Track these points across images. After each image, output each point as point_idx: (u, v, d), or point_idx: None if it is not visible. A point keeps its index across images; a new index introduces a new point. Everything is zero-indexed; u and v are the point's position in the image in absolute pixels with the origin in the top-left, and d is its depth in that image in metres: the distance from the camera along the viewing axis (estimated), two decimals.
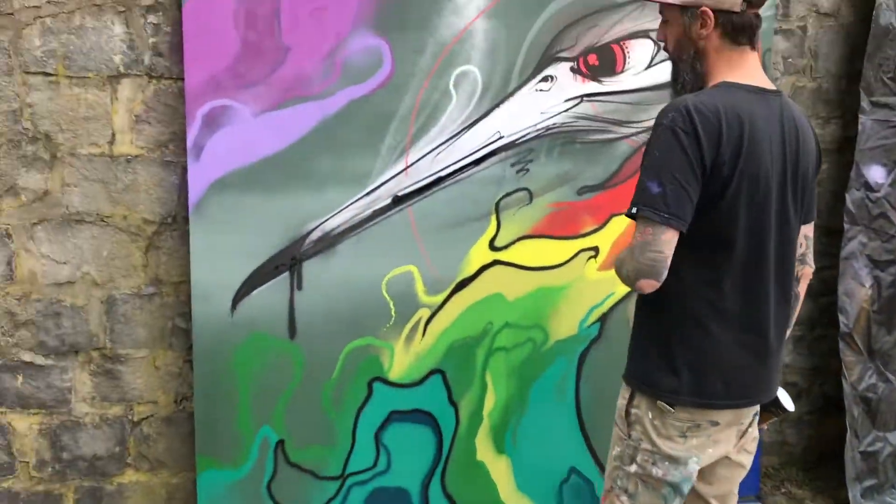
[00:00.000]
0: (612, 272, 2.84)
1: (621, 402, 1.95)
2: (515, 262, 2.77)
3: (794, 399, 3.22)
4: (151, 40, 2.53)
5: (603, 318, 2.87)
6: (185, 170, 2.57)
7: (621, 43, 2.73)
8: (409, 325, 2.74)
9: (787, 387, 3.21)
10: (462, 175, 2.70)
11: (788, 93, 3.00)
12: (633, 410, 1.90)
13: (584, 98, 2.73)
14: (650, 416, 1.86)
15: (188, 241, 2.57)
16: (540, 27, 2.66)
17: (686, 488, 1.90)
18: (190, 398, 2.72)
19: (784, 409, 2.03)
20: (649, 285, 1.73)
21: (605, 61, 2.73)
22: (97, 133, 2.55)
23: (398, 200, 2.67)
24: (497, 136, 2.70)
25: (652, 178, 1.71)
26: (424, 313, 2.75)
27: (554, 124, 2.73)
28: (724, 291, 1.79)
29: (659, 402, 1.84)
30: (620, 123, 2.77)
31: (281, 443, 2.69)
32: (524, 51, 2.67)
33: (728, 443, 1.91)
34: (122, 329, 2.65)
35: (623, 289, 2.87)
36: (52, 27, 2.48)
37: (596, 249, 2.83)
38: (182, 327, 2.69)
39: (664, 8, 1.89)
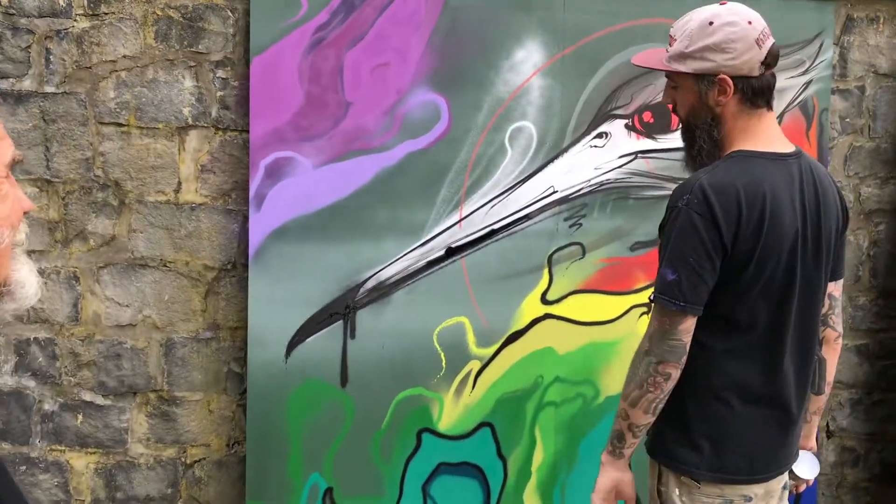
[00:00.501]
0: None
1: (651, 481, 1.91)
2: (567, 317, 2.77)
3: (851, 465, 3.13)
4: (219, 94, 2.63)
5: None
6: (246, 218, 2.65)
7: None
8: (459, 377, 2.75)
9: (843, 452, 3.12)
10: (515, 228, 2.73)
11: (846, 152, 2.98)
12: (662, 489, 1.85)
13: (639, 154, 2.76)
14: (678, 492, 1.82)
15: (246, 287, 2.63)
16: (595, 85, 2.71)
17: None
18: (242, 442, 2.75)
19: (799, 477, 1.99)
20: (673, 368, 1.74)
21: (660, 119, 2.76)
22: (164, 181, 2.64)
23: (452, 252, 2.71)
24: (551, 191, 2.73)
25: (668, 265, 1.71)
26: (475, 365, 2.75)
27: (607, 180, 2.75)
28: (744, 364, 1.77)
29: (683, 477, 1.81)
30: (674, 180, 2.78)
31: (329, 490, 2.70)
32: (579, 107, 2.71)
33: None
34: (179, 372, 2.71)
35: None
36: (126, 80, 2.60)
37: (648, 306, 2.82)
38: (237, 372, 2.74)
39: (673, 74, 1.83)
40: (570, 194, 2.74)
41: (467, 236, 2.71)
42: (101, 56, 2.59)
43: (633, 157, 2.75)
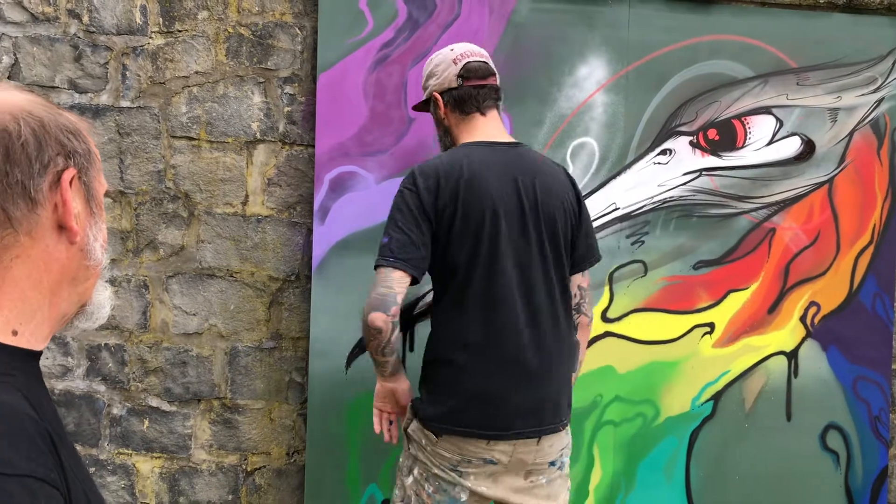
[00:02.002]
0: (728, 349, 2.78)
1: (405, 421, 2.13)
2: (628, 335, 2.75)
3: None
4: (286, 109, 2.69)
5: (717, 397, 2.79)
6: (310, 231, 2.70)
7: (743, 118, 2.72)
8: None
9: None
10: None
11: None
12: (409, 433, 2.09)
13: (703, 172, 2.72)
14: (423, 442, 2.04)
15: (309, 298, 2.68)
16: (660, 102, 2.69)
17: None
18: (301, 452, 2.79)
19: None
20: (380, 318, 1.96)
21: (725, 136, 2.72)
22: (232, 194, 2.71)
23: None
24: (612, 208, 2.71)
25: (384, 233, 2.02)
26: None
27: (671, 197, 2.72)
28: (466, 318, 2.00)
29: (426, 429, 2.02)
30: (740, 198, 2.74)
31: (386, 502, 2.71)
32: (643, 124, 2.70)
33: (509, 484, 2.02)
34: (242, 380, 2.77)
35: (739, 367, 2.79)
36: (198, 96, 2.68)
37: (711, 325, 2.77)
38: (298, 381, 2.78)
39: (422, 106, 2.30)
40: (633, 211, 2.72)
41: None
42: (175, 72, 2.67)
43: (697, 174, 2.72)
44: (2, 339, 0.89)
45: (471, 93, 2.12)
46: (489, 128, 2.13)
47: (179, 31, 2.66)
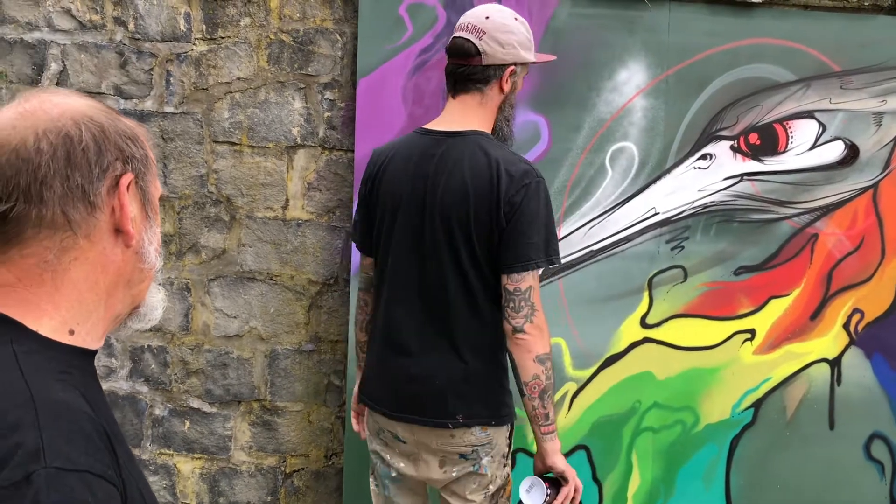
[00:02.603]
0: (769, 356, 2.75)
1: None
2: (667, 341, 2.73)
3: None
4: (326, 114, 2.72)
5: (757, 404, 2.76)
6: (349, 235, 2.72)
7: (784, 123, 2.69)
8: (555, 398, 2.73)
9: None
10: (615, 250, 2.71)
11: None
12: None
13: (745, 177, 2.70)
14: (366, 414, 2.22)
15: (348, 301, 2.70)
16: (700, 106, 2.67)
17: (388, 484, 2.16)
18: (340, 454, 2.81)
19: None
20: (363, 293, 2.25)
21: (767, 140, 2.69)
22: (273, 198, 2.75)
23: (549, 272, 2.70)
24: (652, 212, 2.70)
25: None
26: (571, 387, 2.74)
27: (711, 202, 2.70)
28: (378, 301, 2.13)
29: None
30: (782, 203, 2.71)
31: None
32: (683, 128, 2.68)
33: (427, 471, 2.06)
34: (282, 383, 2.80)
35: (781, 374, 2.76)
36: (240, 101, 2.72)
37: (752, 332, 2.74)
38: (337, 384, 2.80)
39: None
40: (673, 216, 2.70)
41: (565, 257, 2.71)
42: (217, 78, 2.72)
43: (738, 179, 2.70)
44: (59, 339, 0.91)
45: (448, 72, 2.05)
46: (446, 114, 2.06)
47: (222, 38, 2.70)
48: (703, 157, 2.69)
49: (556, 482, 2.03)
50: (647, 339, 2.73)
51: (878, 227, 2.75)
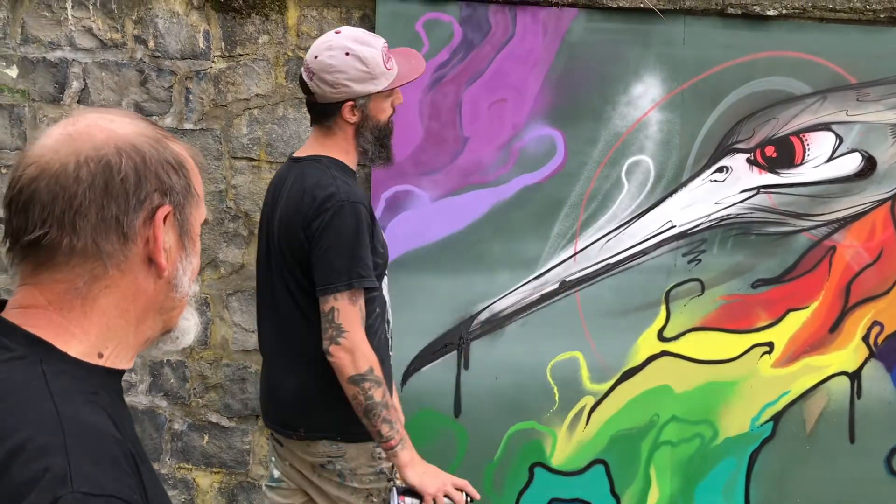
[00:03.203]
0: (788, 369, 2.73)
1: None
2: (685, 354, 2.72)
3: None
4: None
5: (776, 418, 2.74)
6: None
7: (801, 135, 2.68)
8: (572, 412, 2.73)
9: None
10: (631, 263, 2.71)
11: None
12: None
13: (761, 189, 2.69)
14: None
15: None
16: (716, 119, 2.67)
17: (266, 490, 2.27)
18: None
19: None
20: None
21: (783, 153, 2.69)
22: None
23: (566, 285, 2.71)
24: (668, 226, 2.70)
25: None
26: (589, 401, 2.73)
27: (728, 215, 2.70)
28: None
29: None
30: (799, 216, 2.70)
31: None
32: (699, 141, 2.68)
33: (298, 475, 2.14)
34: None
35: (800, 388, 2.74)
36: (258, 118, 2.75)
37: (770, 345, 2.73)
38: None
39: None
40: (689, 229, 2.70)
41: (582, 270, 2.71)
42: (236, 95, 2.75)
43: (755, 191, 2.69)
44: (88, 360, 0.91)
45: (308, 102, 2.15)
46: (309, 141, 2.18)
47: (241, 55, 2.73)
48: (720, 169, 2.70)
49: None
50: (664, 353, 2.72)
51: None
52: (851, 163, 2.71)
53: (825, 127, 2.69)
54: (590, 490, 2.74)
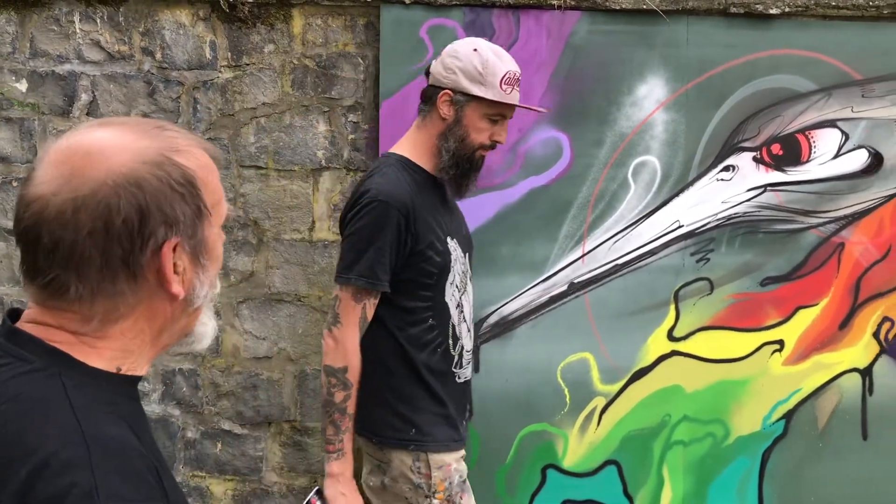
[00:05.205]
0: (799, 367, 2.73)
1: None
2: (695, 354, 2.72)
3: None
4: (350, 137, 2.76)
5: (788, 416, 2.74)
6: None
7: (807, 132, 2.69)
8: (583, 414, 2.73)
9: None
10: (640, 263, 2.72)
11: None
12: None
13: (768, 187, 2.70)
14: None
15: None
16: (721, 118, 2.68)
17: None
18: None
19: None
20: None
21: (789, 151, 2.69)
22: (299, 220, 2.78)
23: (575, 287, 2.71)
24: (676, 225, 2.70)
25: None
26: (600, 402, 2.73)
27: (736, 213, 2.70)
28: None
29: None
30: (807, 213, 2.70)
31: None
32: (704, 141, 2.69)
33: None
34: (311, 403, 2.82)
35: (811, 385, 2.74)
36: (265, 126, 2.77)
37: (781, 343, 2.73)
38: None
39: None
40: (697, 229, 2.71)
41: (590, 271, 2.72)
42: (243, 104, 2.77)
43: (762, 189, 2.70)
44: (106, 369, 0.91)
45: None
46: None
47: (247, 65, 2.76)
48: (726, 168, 2.70)
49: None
50: (674, 353, 2.72)
51: None
52: (858, 159, 2.71)
53: (831, 124, 2.69)
54: (603, 491, 2.74)
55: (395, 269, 2.05)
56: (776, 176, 2.69)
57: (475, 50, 2.07)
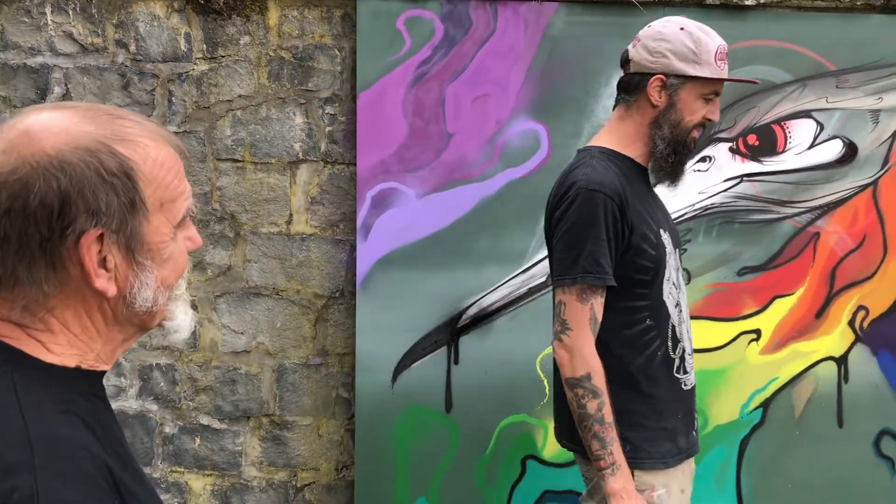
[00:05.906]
0: (776, 356, 2.75)
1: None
2: None
3: None
4: (328, 129, 2.75)
5: (766, 404, 2.76)
6: (353, 248, 2.74)
7: (782, 123, 2.71)
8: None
9: None
10: None
11: None
12: None
13: (745, 178, 2.71)
14: None
15: (354, 314, 2.71)
16: None
17: None
18: (350, 467, 2.82)
19: None
20: None
21: (765, 141, 2.71)
22: (276, 213, 2.77)
23: None
24: None
25: None
26: None
27: (712, 204, 2.72)
28: None
29: None
30: (783, 203, 2.72)
31: None
32: None
33: None
34: (290, 397, 2.81)
35: (788, 374, 2.76)
36: (241, 118, 2.75)
37: (758, 332, 2.75)
38: (345, 397, 2.81)
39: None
40: (674, 219, 2.71)
41: None
42: (219, 96, 2.74)
43: (738, 180, 2.71)
44: (63, 364, 0.88)
45: None
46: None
47: (222, 57, 2.73)
48: (703, 159, 2.71)
49: None
50: None
51: (879, 223, 2.76)
52: (833, 149, 2.73)
53: (806, 114, 2.71)
54: (582, 481, 2.74)
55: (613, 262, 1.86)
56: (752, 166, 2.71)
57: (682, 29, 1.90)
